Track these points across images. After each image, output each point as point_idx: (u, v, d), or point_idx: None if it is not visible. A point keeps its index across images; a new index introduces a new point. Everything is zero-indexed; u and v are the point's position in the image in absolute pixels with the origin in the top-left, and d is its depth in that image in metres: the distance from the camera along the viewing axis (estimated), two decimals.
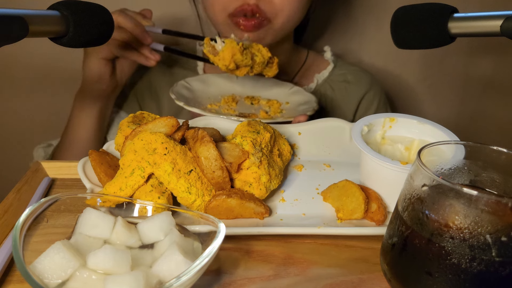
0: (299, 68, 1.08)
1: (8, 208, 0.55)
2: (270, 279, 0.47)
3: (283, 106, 0.91)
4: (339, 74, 1.07)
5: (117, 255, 0.39)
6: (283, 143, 0.64)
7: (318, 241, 0.53)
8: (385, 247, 0.42)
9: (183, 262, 0.39)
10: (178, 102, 0.80)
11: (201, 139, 0.53)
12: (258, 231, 0.51)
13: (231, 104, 0.90)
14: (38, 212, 0.43)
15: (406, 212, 0.39)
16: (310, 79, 1.07)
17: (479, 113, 1.40)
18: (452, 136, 0.57)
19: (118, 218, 0.44)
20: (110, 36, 0.63)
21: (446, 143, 0.44)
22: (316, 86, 1.05)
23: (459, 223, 0.35)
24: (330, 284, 0.47)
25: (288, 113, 0.87)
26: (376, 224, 0.53)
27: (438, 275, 0.36)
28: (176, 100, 0.80)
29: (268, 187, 0.56)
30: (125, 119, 0.61)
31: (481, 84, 1.36)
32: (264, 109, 0.89)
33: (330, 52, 1.10)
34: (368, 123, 0.60)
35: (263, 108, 0.90)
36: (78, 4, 0.57)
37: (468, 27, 0.58)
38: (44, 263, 0.38)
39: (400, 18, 0.63)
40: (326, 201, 0.58)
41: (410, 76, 1.35)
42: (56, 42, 0.57)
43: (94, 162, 0.57)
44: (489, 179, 0.43)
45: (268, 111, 0.88)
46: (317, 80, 1.06)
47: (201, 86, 0.93)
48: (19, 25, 0.49)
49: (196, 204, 0.52)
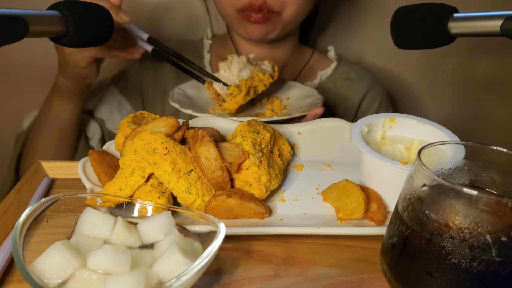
0: (303, 66, 1.09)
1: (8, 208, 0.55)
2: (270, 279, 0.47)
3: (285, 102, 0.91)
4: (342, 72, 1.08)
5: (117, 255, 0.39)
6: (283, 143, 0.64)
7: (318, 241, 0.53)
8: (385, 247, 0.42)
9: (183, 262, 0.39)
10: (185, 110, 0.79)
11: (201, 139, 0.53)
12: (258, 231, 0.51)
13: None
14: (38, 212, 0.43)
15: (406, 212, 0.39)
16: (313, 76, 1.08)
17: (479, 113, 1.40)
18: (452, 136, 0.57)
19: (118, 218, 0.44)
20: (110, 36, 0.63)
21: (446, 143, 0.44)
22: (319, 82, 1.07)
23: (459, 223, 0.35)
24: (330, 284, 0.47)
25: (294, 108, 0.87)
26: (376, 224, 0.53)
27: (438, 275, 0.36)
28: (181, 108, 0.80)
29: (268, 187, 0.56)
30: (125, 119, 0.61)
31: (481, 84, 1.36)
32: (267, 107, 0.89)
33: (334, 51, 1.11)
34: (368, 123, 0.60)
35: (266, 106, 0.90)
36: (78, 4, 0.57)
37: (468, 27, 0.58)
38: (44, 263, 0.38)
39: (400, 18, 0.63)
40: (326, 201, 0.58)
41: (410, 76, 1.35)
42: (56, 42, 0.57)
43: (94, 162, 0.57)
44: (489, 179, 0.43)
45: (273, 108, 0.88)
46: (321, 77, 1.07)
47: (195, 92, 0.92)
48: (19, 25, 0.49)
49: (196, 204, 0.52)
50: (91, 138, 0.96)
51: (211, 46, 1.09)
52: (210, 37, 1.10)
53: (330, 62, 1.10)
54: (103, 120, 0.98)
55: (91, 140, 0.96)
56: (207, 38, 1.10)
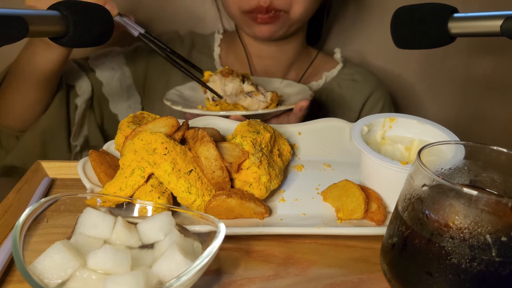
0: (307, 66, 1.10)
1: (8, 208, 0.55)
2: (270, 279, 0.47)
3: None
4: (347, 73, 1.10)
5: (117, 255, 0.39)
6: (283, 143, 0.64)
7: (318, 241, 0.53)
8: (385, 247, 0.42)
9: (183, 262, 0.39)
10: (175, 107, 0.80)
11: (201, 139, 0.53)
12: (258, 231, 0.51)
13: None
14: (38, 212, 0.43)
15: (406, 212, 0.39)
16: (319, 76, 1.09)
17: (479, 113, 1.40)
18: (452, 136, 0.57)
19: (118, 218, 0.44)
20: (110, 36, 0.63)
21: (446, 143, 0.44)
22: (324, 83, 1.08)
23: (459, 223, 0.35)
24: (330, 284, 0.47)
25: (285, 103, 0.87)
26: (376, 224, 0.53)
27: (438, 275, 0.36)
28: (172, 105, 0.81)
29: (268, 187, 0.56)
30: (125, 119, 0.61)
31: (481, 84, 1.36)
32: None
33: (340, 53, 1.13)
34: (368, 123, 0.60)
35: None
36: (78, 4, 0.57)
37: (468, 27, 0.58)
38: (44, 263, 0.38)
39: (400, 18, 0.63)
40: (326, 201, 0.58)
41: (410, 76, 1.35)
42: (56, 42, 0.57)
43: (94, 162, 0.57)
44: (489, 179, 0.43)
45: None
46: (326, 77, 1.09)
47: (192, 93, 0.93)
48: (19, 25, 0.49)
49: (196, 204, 0.52)
50: (79, 96, 0.94)
51: (221, 40, 1.11)
52: (222, 32, 1.13)
53: (336, 64, 1.11)
54: (102, 83, 0.97)
55: (78, 97, 0.93)
56: (218, 33, 1.12)
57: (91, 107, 0.97)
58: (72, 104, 0.93)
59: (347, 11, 1.26)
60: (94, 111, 0.97)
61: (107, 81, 0.98)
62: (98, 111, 0.98)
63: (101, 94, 0.98)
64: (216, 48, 1.09)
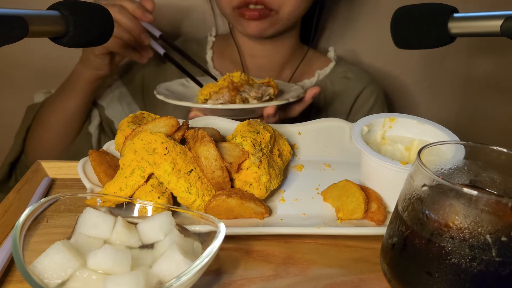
0: (298, 64, 1.10)
1: (8, 208, 0.55)
2: (270, 279, 0.47)
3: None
4: (340, 71, 1.10)
5: (117, 255, 0.39)
6: (283, 143, 0.64)
7: (318, 241, 0.53)
8: (385, 247, 0.42)
9: (183, 262, 0.39)
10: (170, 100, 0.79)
11: (201, 139, 0.53)
12: (258, 231, 0.51)
13: None
14: (38, 212, 0.43)
15: (406, 212, 0.39)
16: (311, 74, 1.10)
17: (479, 113, 1.40)
18: (452, 136, 0.57)
19: (118, 218, 0.44)
20: (110, 36, 0.63)
21: (446, 143, 0.44)
22: (317, 81, 1.08)
23: (459, 223, 0.35)
24: (330, 284, 0.47)
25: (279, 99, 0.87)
26: (376, 224, 0.53)
27: (438, 275, 0.36)
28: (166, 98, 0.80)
29: (268, 187, 0.56)
30: (125, 119, 0.61)
31: (481, 84, 1.36)
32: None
33: (334, 52, 1.13)
34: (368, 123, 0.60)
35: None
36: (78, 4, 0.57)
37: (468, 27, 0.57)
38: (44, 263, 0.38)
39: (400, 18, 0.63)
40: (326, 201, 0.58)
41: (410, 76, 1.35)
42: (56, 42, 0.57)
43: (94, 162, 0.57)
44: (489, 179, 0.43)
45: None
46: (318, 75, 1.09)
47: (183, 89, 0.93)
48: (19, 25, 0.49)
49: (196, 204, 0.52)
50: (90, 122, 1.00)
51: (214, 43, 1.12)
52: (214, 35, 1.13)
53: (329, 62, 1.11)
54: (103, 107, 1.01)
55: (90, 124, 0.99)
56: (211, 36, 1.13)
57: (103, 131, 1.02)
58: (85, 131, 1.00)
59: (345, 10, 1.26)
60: (106, 133, 1.02)
61: (108, 103, 1.02)
62: (109, 132, 1.03)
63: (105, 117, 1.01)
64: (209, 51, 1.10)
